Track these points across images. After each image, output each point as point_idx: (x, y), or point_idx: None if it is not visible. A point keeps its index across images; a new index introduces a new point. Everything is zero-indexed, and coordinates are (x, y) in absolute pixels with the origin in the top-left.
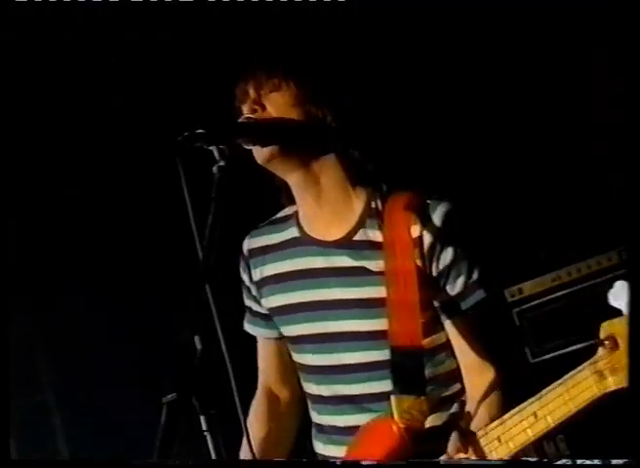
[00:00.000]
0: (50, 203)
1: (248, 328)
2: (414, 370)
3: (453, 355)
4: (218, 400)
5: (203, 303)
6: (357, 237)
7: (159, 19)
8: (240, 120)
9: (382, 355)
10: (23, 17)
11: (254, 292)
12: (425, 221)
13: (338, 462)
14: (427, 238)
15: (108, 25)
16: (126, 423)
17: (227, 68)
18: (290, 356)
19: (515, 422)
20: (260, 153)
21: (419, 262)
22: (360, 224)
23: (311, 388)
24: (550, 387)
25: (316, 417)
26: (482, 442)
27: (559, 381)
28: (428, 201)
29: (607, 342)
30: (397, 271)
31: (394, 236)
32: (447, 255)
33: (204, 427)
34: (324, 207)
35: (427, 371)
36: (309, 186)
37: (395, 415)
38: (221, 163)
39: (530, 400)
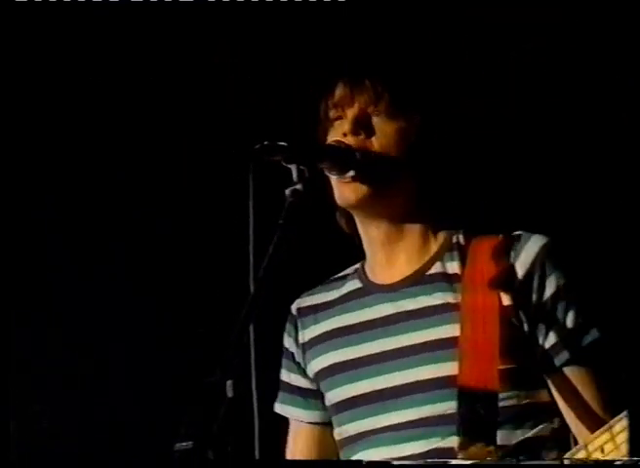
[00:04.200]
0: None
1: (280, 408)
2: (484, 416)
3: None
4: (237, 460)
5: (244, 345)
6: (432, 270)
7: (249, 19)
8: (333, 141)
9: (450, 407)
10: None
11: (297, 357)
12: (518, 250)
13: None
14: (521, 267)
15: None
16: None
17: (328, 77)
18: (329, 451)
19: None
20: (351, 190)
21: (508, 297)
22: (437, 257)
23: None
24: None
25: None
26: None
27: None
28: (520, 232)
29: None
30: (476, 306)
31: (477, 267)
32: (548, 287)
33: None
34: (399, 250)
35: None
36: (390, 233)
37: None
38: (298, 186)
39: None
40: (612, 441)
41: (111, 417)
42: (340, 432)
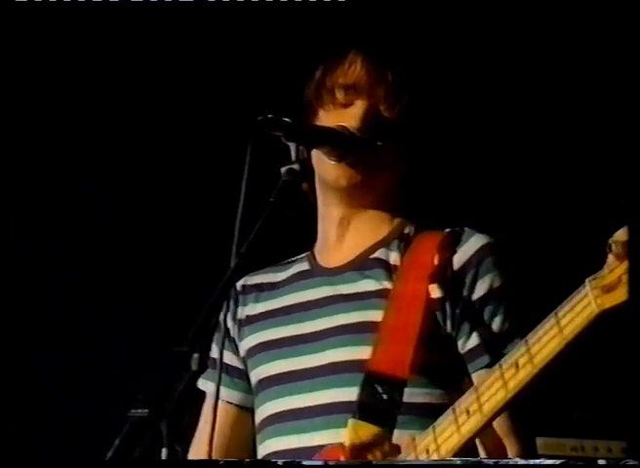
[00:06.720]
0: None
1: (202, 383)
2: (385, 401)
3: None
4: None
5: (216, 320)
6: (375, 255)
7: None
8: (338, 126)
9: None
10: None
11: (232, 332)
12: (458, 246)
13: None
14: (458, 262)
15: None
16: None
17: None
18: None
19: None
20: (344, 175)
21: (439, 291)
22: (383, 243)
23: (269, 446)
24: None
25: None
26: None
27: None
28: (465, 229)
29: (615, 246)
30: (404, 294)
31: (416, 258)
32: (480, 287)
33: None
34: (352, 229)
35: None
36: (351, 213)
37: (346, 441)
38: (295, 166)
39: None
40: (527, 353)
41: (110, 417)
42: (260, 413)
